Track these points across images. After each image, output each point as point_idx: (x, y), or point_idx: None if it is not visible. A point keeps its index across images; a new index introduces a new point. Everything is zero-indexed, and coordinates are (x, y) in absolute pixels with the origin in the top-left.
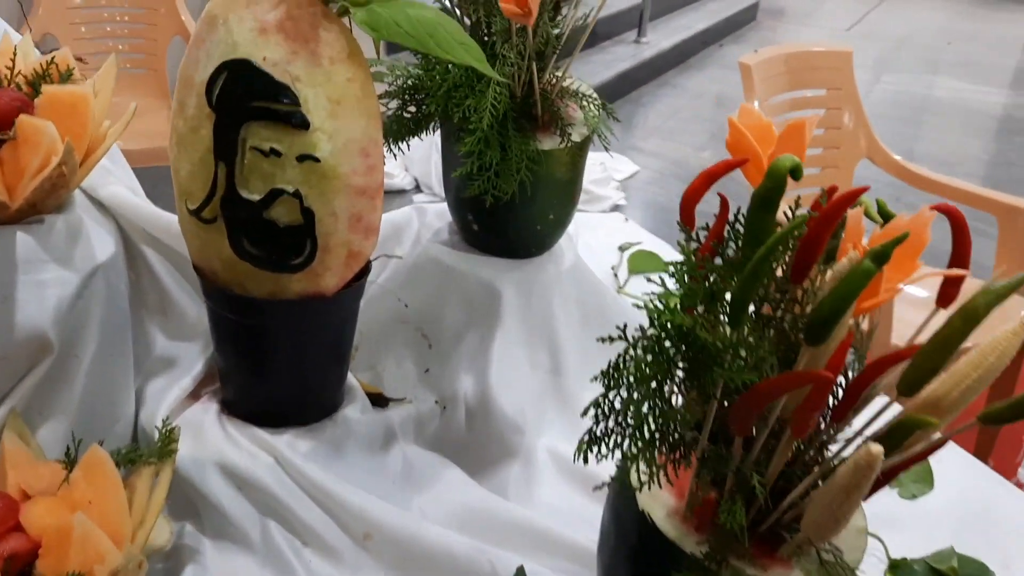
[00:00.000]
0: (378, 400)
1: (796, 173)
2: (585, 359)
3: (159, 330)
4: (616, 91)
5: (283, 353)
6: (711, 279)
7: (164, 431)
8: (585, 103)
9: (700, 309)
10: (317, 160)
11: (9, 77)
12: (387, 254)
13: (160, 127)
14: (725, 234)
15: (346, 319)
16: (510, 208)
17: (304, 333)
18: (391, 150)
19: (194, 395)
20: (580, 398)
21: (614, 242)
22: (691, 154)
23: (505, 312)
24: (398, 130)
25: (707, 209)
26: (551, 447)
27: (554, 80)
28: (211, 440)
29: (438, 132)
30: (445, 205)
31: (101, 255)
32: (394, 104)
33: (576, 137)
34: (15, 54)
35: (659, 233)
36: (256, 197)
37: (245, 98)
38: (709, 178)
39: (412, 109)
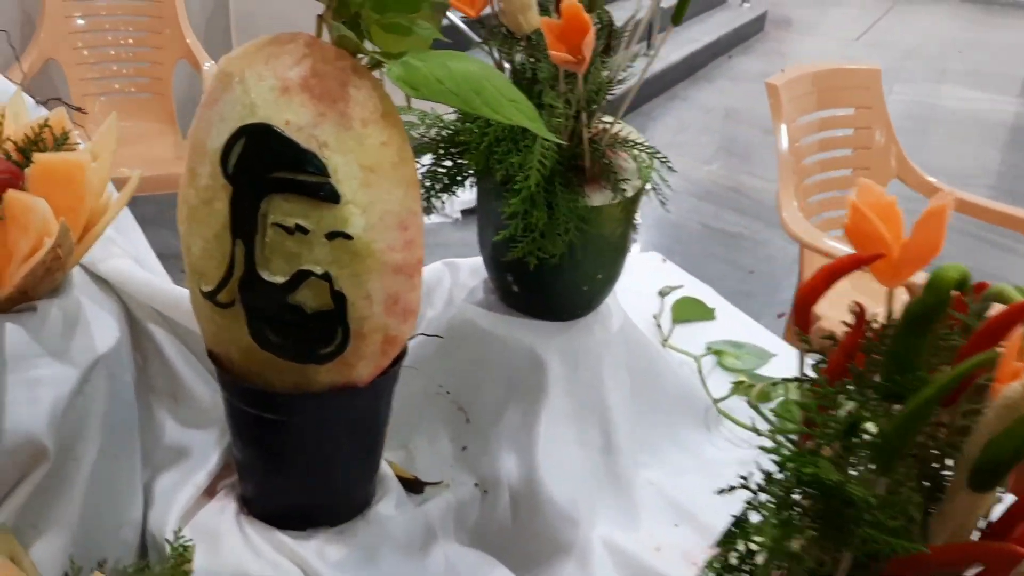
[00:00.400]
0: (413, 486)
1: (963, 286)
2: (638, 433)
3: (169, 417)
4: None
5: (309, 449)
6: (840, 404)
7: (177, 546)
8: (637, 151)
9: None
10: (349, 237)
11: None
12: (425, 333)
13: (165, 153)
14: (865, 353)
15: (380, 409)
16: (555, 269)
17: (333, 428)
18: (424, 208)
19: (209, 491)
20: (634, 478)
21: (653, 287)
22: (703, 169)
23: (550, 383)
24: (431, 186)
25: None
26: (607, 538)
27: (602, 127)
28: (229, 549)
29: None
30: (479, 260)
31: (102, 344)
32: (427, 159)
33: (629, 191)
34: (3, 116)
35: (672, 252)
36: (279, 279)
37: (266, 168)
38: (831, 275)
39: (448, 163)
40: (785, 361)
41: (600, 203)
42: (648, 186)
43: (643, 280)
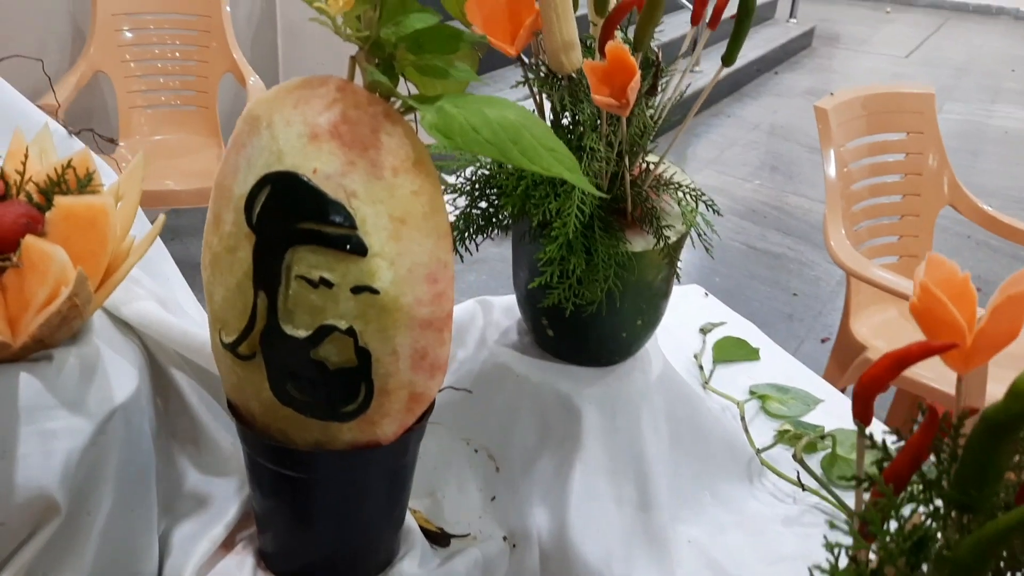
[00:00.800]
0: (438, 539)
1: None
2: (676, 487)
3: (190, 463)
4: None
5: (331, 507)
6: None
7: None
8: (681, 194)
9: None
10: (375, 292)
11: (19, 184)
12: (454, 387)
13: (208, 166)
14: (936, 457)
15: (406, 466)
16: (593, 316)
17: (356, 486)
18: (458, 252)
19: (227, 543)
20: (673, 536)
21: (694, 323)
22: (747, 188)
23: (585, 433)
24: (465, 228)
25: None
26: None
27: (646, 166)
28: None
29: None
30: (513, 299)
31: (120, 394)
32: (462, 201)
33: (672, 236)
34: (26, 156)
35: (714, 272)
36: (302, 333)
37: (291, 218)
38: (897, 364)
39: (483, 204)
40: (832, 407)
41: (642, 249)
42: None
43: (683, 316)
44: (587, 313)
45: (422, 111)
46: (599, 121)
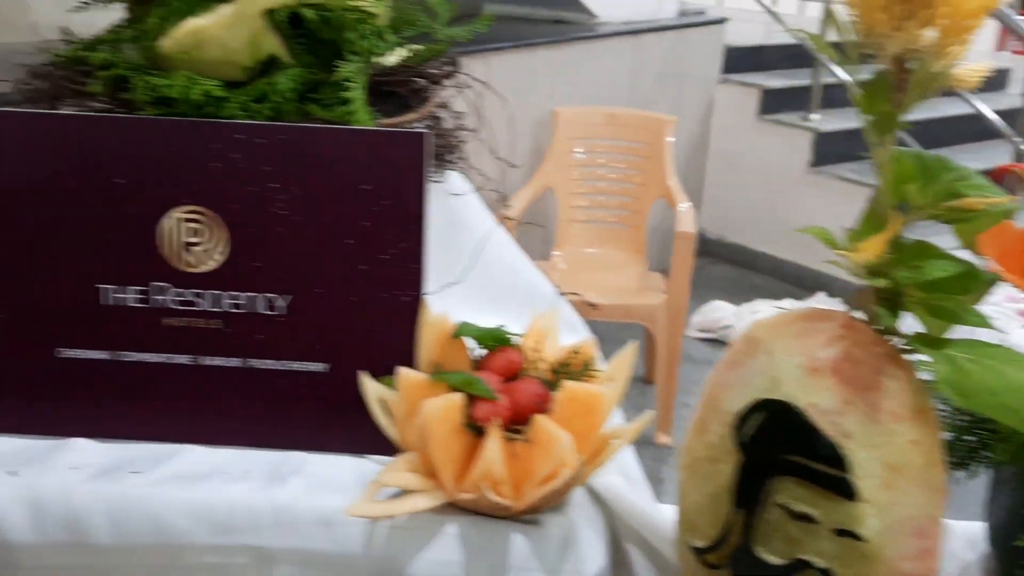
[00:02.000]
0: None
1: None
2: None
3: None
4: None
5: None
6: None
7: None
8: None
9: None
10: (860, 539)
11: (534, 362)
12: None
13: (630, 283)
14: None
15: None
16: None
17: None
18: None
19: None
20: None
21: None
22: None
23: None
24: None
25: None
26: None
27: None
28: None
29: None
30: (977, 528)
31: (591, 569)
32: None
33: None
34: (543, 337)
35: None
36: (776, 561)
37: (780, 448)
38: None
39: (969, 438)
40: None
41: None
42: None
43: None
44: None
45: (933, 360)
46: None
